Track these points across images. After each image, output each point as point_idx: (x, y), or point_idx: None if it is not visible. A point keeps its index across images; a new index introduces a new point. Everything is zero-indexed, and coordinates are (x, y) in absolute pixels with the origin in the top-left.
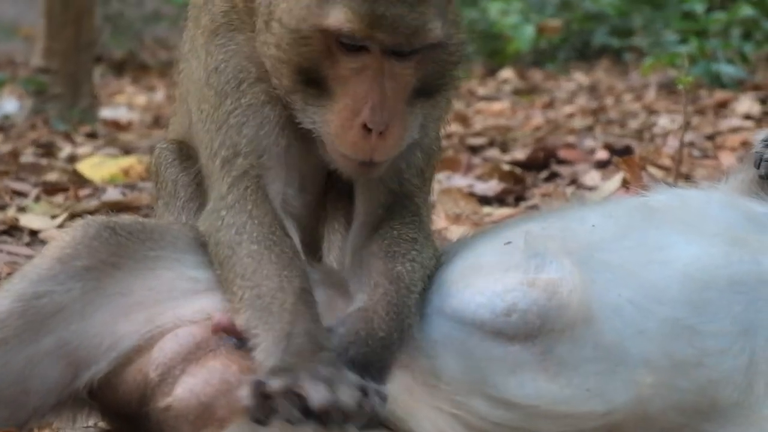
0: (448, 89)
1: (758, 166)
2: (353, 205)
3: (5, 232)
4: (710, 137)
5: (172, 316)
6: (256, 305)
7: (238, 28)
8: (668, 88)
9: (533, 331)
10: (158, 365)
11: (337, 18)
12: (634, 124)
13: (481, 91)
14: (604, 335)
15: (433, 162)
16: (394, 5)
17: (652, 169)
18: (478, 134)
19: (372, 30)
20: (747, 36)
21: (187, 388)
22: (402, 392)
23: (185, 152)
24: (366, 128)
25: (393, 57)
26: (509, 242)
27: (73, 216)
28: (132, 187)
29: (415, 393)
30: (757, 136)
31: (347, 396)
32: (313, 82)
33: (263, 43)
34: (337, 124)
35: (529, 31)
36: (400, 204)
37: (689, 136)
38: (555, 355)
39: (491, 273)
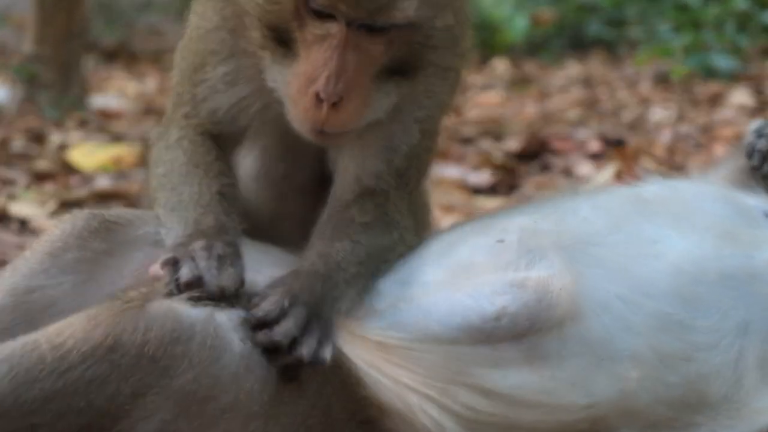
0: (428, 75)
1: (750, 157)
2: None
3: None
4: (704, 129)
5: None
6: (177, 208)
7: None
8: (662, 80)
9: (522, 332)
10: None
11: None
12: (627, 116)
13: (475, 81)
14: (592, 332)
15: (417, 166)
16: None
17: (645, 161)
18: (471, 124)
19: (338, 0)
20: (741, 28)
21: None
22: (370, 362)
23: None
24: (318, 97)
25: (362, 30)
26: (502, 240)
27: (63, 204)
28: (122, 175)
29: (386, 368)
30: (750, 126)
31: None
32: (282, 41)
33: None
34: (293, 88)
35: (522, 21)
36: (368, 196)
37: (683, 128)
38: (541, 351)
39: (481, 274)
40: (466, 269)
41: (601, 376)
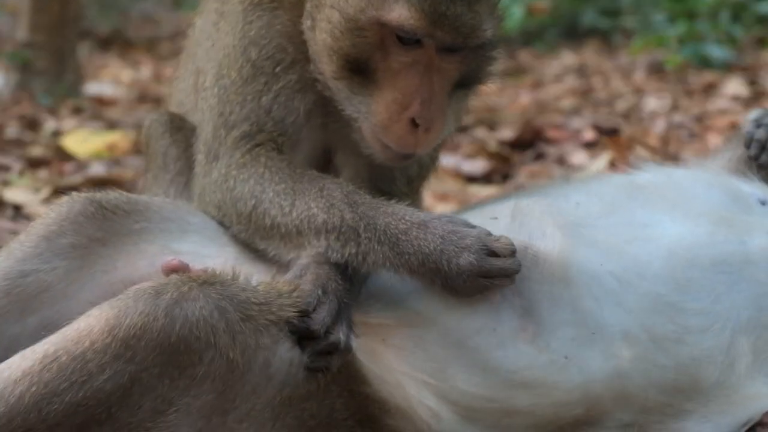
0: (483, 83)
1: (748, 146)
2: None
3: None
4: (698, 118)
5: None
6: (316, 226)
7: (282, 5)
8: (656, 69)
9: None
10: None
11: (400, 13)
12: (621, 105)
13: None
14: (582, 300)
15: (425, 174)
16: (454, 4)
17: (639, 150)
18: (465, 113)
19: (433, 27)
20: (736, 18)
21: None
22: (372, 359)
23: (177, 124)
24: (413, 122)
25: (444, 53)
26: (495, 217)
27: (57, 191)
28: (116, 162)
29: (388, 359)
30: (749, 116)
31: (337, 336)
32: (361, 71)
33: (311, 27)
34: (384, 116)
35: (517, 11)
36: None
37: (677, 117)
38: (535, 313)
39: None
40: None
41: (594, 352)
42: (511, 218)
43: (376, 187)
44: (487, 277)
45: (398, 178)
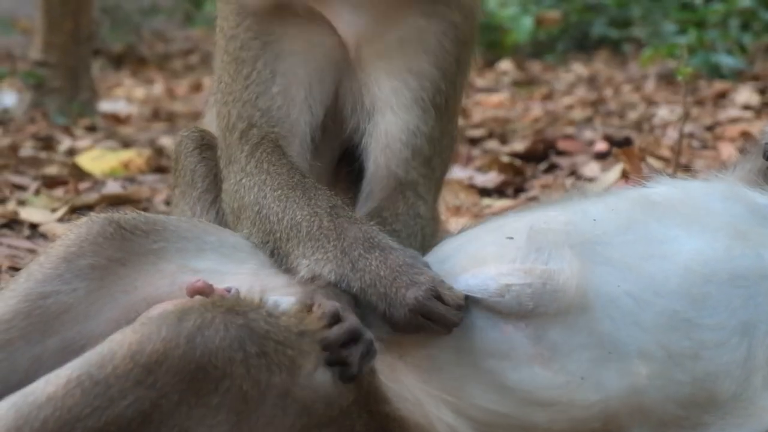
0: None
1: (767, 158)
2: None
3: (5, 226)
4: (709, 128)
5: None
6: (298, 235)
7: None
8: (667, 79)
9: (526, 312)
10: None
11: None
12: (633, 115)
13: (480, 82)
14: (599, 323)
15: (439, 150)
16: None
17: (651, 161)
18: (477, 126)
19: None
20: (745, 26)
21: None
22: (392, 377)
23: (207, 141)
24: None
25: None
26: (511, 237)
27: (73, 209)
28: (132, 180)
29: (406, 377)
30: (766, 127)
31: (365, 360)
32: None
33: None
34: None
35: (527, 22)
36: (400, 195)
37: (688, 127)
38: (549, 339)
39: (490, 263)
40: (476, 261)
41: (610, 371)
42: (527, 239)
43: (393, 174)
44: (428, 318)
45: (412, 159)
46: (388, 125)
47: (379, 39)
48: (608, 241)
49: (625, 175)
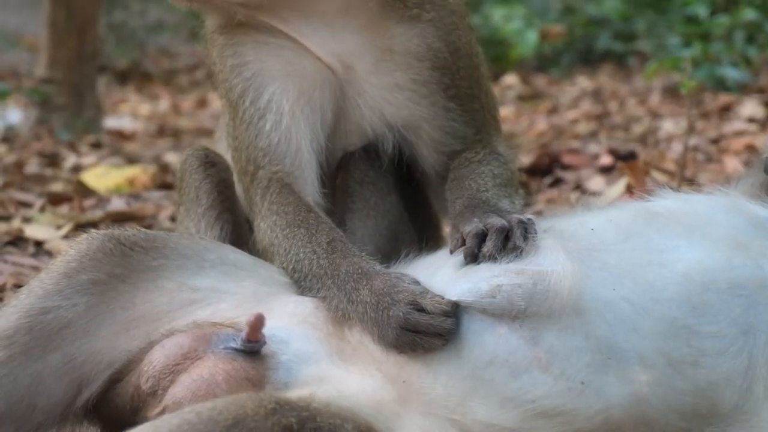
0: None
1: (767, 172)
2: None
3: (10, 243)
4: (714, 141)
5: (167, 330)
6: (303, 271)
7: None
8: (672, 92)
9: (518, 312)
10: (149, 377)
11: None
12: (638, 129)
13: None
14: (596, 327)
15: (487, 115)
16: None
17: (656, 174)
18: None
19: None
20: (750, 39)
21: (177, 398)
22: (393, 404)
23: (211, 159)
24: None
25: None
26: None
27: (78, 226)
28: (137, 196)
29: (409, 401)
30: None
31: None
32: None
33: None
34: None
35: (532, 36)
36: (472, 150)
37: (693, 140)
38: (545, 342)
39: (483, 267)
40: (467, 267)
41: (610, 377)
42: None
43: (447, 152)
44: (415, 332)
45: (466, 130)
46: (422, 133)
47: (369, 54)
48: (605, 249)
49: (629, 189)
